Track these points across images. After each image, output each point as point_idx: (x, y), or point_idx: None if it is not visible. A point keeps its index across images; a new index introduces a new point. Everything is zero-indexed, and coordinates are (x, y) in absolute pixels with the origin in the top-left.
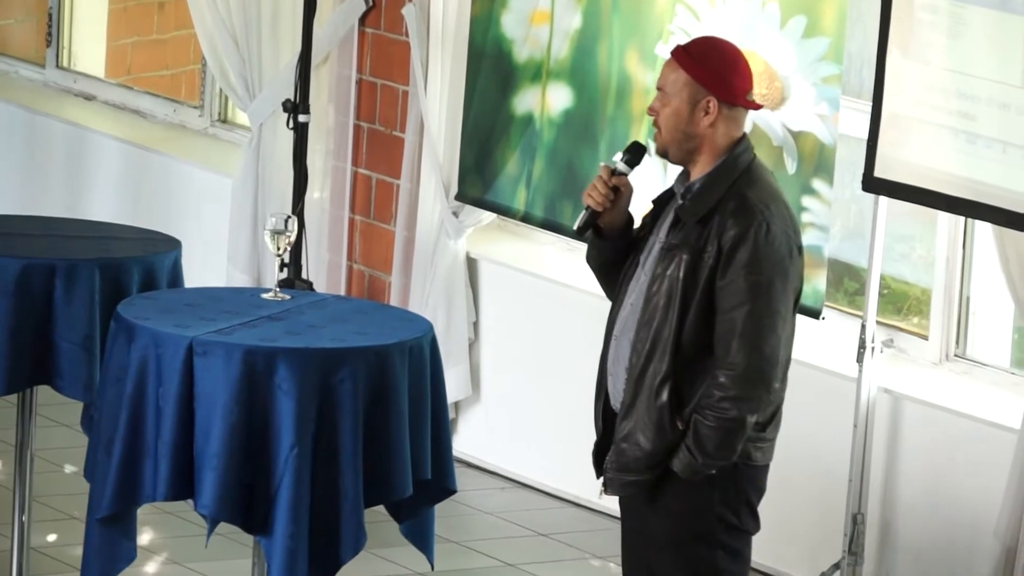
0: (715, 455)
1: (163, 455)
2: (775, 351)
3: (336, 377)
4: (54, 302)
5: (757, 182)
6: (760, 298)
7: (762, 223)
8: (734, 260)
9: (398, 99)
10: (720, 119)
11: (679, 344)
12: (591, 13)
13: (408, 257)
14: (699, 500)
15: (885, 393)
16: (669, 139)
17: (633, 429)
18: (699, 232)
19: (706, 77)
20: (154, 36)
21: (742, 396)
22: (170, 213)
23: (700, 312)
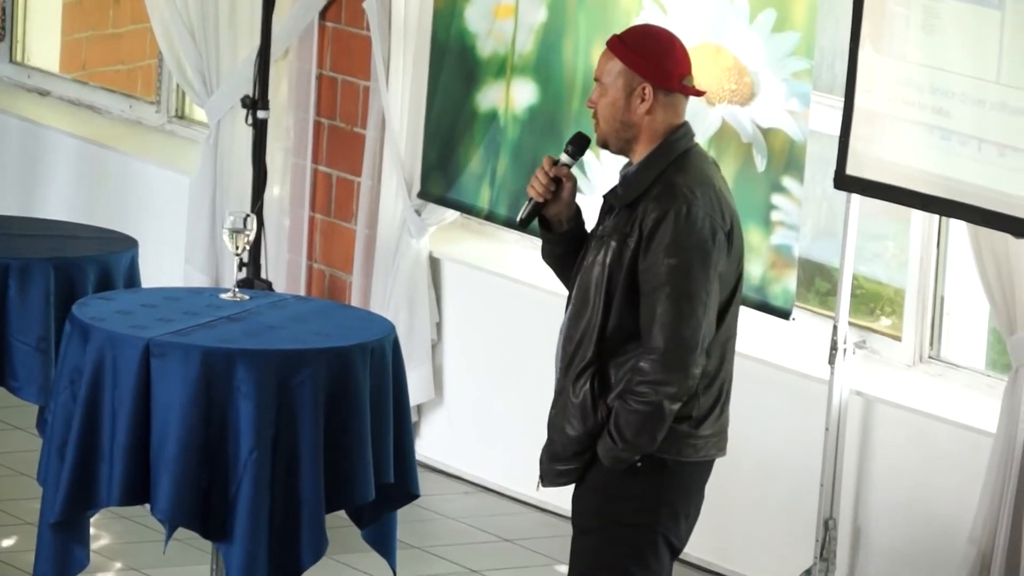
0: (634, 441)
1: (118, 459)
2: (694, 335)
3: (296, 379)
4: (8, 302)
5: (688, 168)
6: (678, 281)
7: (682, 205)
8: (653, 243)
9: (359, 95)
10: (657, 106)
11: (604, 331)
12: (556, 7)
13: (369, 256)
14: (616, 491)
15: (857, 396)
16: (608, 129)
17: (560, 418)
18: (627, 218)
19: (640, 63)
20: (109, 30)
21: (660, 380)
22: (126, 211)
23: (625, 298)
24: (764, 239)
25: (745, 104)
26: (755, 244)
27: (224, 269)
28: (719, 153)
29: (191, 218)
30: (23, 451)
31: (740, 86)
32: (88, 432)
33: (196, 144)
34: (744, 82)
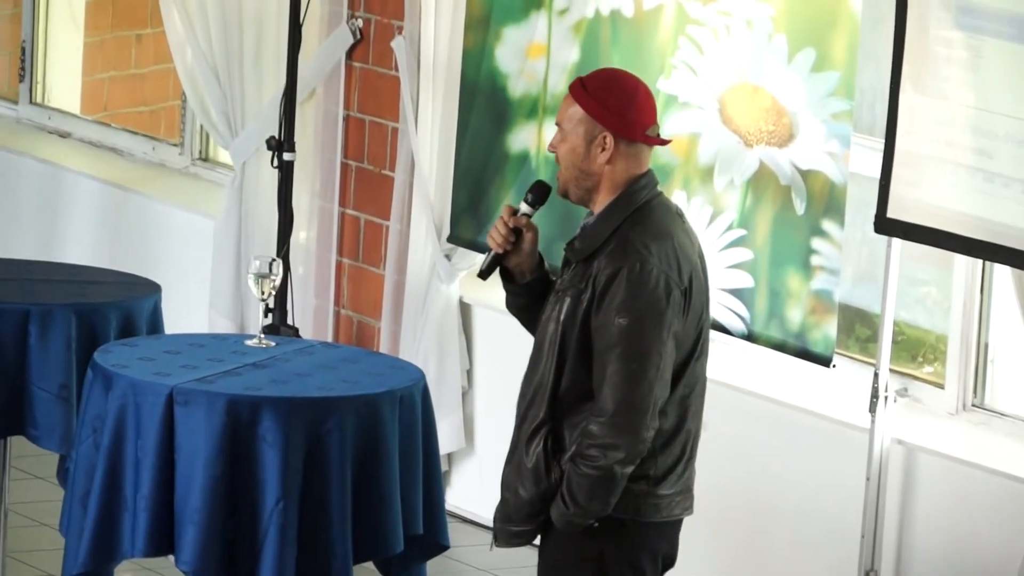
0: (587, 506)
1: (142, 509)
2: (644, 398)
3: (324, 427)
4: (28, 349)
5: (645, 221)
6: (630, 341)
7: (635, 263)
8: (605, 301)
9: (387, 136)
10: (618, 155)
11: (557, 389)
12: (590, 46)
13: (398, 302)
14: (577, 554)
15: (899, 445)
16: (568, 176)
17: (513, 478)
18: (582, 273)
19: (600, 112)
20: (132, 70)
21: (609, 444)
22: (149, 256)
23: (578, 356)
24: (804, 284)
25: (784, 146)
26: (795, 289)
27: (249, 315)
28: (757, 196)
29: (216, 263)
30: (44, 501)
31: (778, 127)
32: (111, 482)
33: (221, 187)
34: (783, 123)
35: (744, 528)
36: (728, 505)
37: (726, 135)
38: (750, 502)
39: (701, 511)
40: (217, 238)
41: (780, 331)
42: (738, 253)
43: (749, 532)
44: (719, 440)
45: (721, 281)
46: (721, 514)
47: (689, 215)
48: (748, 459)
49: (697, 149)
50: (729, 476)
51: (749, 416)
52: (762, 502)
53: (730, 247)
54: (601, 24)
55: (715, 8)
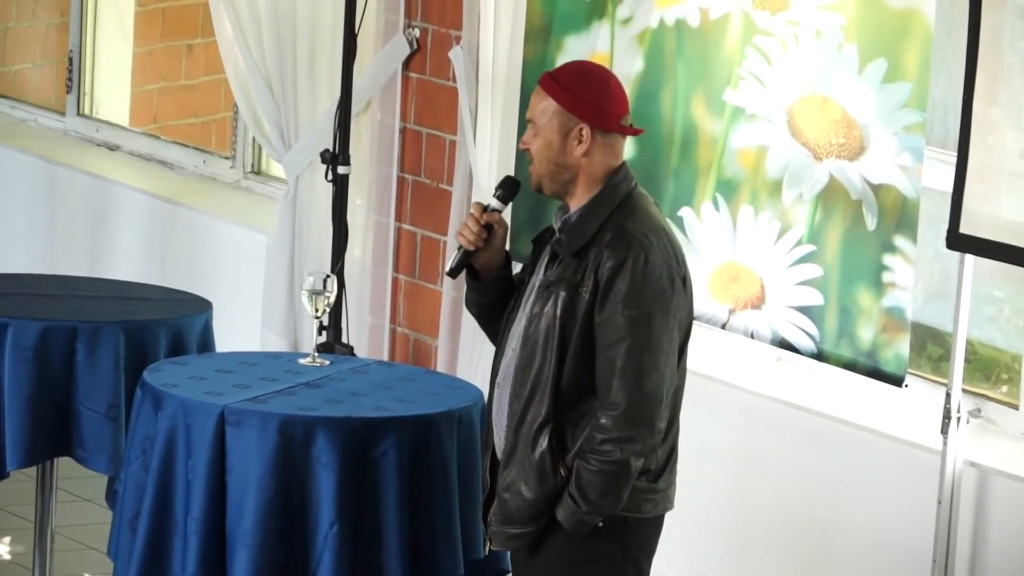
0: (599, 503)
1: (193, 532)
2: (658, 389)
3: (379, 449)
4: (76, 368)
5: (636, 212)
6: (639, 333)
7: (640, 253)
8: (611, 293)
9: (445, 149)
10: (595, 147)
11: (559, 386)
12: (654, 56)
13: (456, 320)
14: (580, 554)
15: (972, 467)
16: (543, 171)
17: (515, 478)
18: (576, 266)
19: (575, 104)
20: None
21: (624, 437)
22: (200, 272)
23: (580, 351)
24: (875, 301)
25: (854, 159)
26: (866, 306)
27: (303, 333)
28: (826, 211)
29: (268, 279)
30: (92, 524)
31: (849, 140)
32: (161, 504)
33: (273, 201)
34: (853, 136)
35: (812, 551)
36: (795, 526)
37: (795, 148)
38: (818, 525)
39: (769, 532)
40: (270, 254)
41: (851, 350)
42: (807, 270)
43: (817, 555)
44: (787, 461)
45: (790, 298)
46: (788, 536)
47: (756, 230)
48: (816, 481)
49: (765, 162)
50: (796, 497)
51: (817, 437)
52: (830, 525)
53: (799, 263)
54: (666, 34)
55: (783, 18)
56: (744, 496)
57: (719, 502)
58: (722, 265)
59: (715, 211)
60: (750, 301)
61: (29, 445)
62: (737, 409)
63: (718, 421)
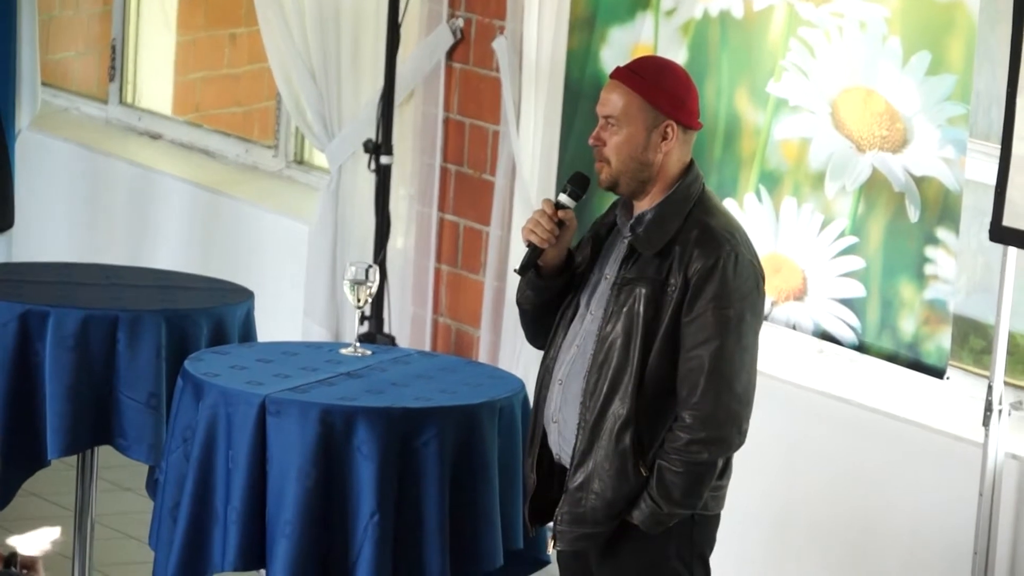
0: (682, 502)
1: (233, 521)
2: (747, 389)
3: (420, 439)
4: (117, 356)
5: (716, 209)
6: (730, 333)
7: (731, 253)
8: (702, 293)
9: (488, 139)
10: (677, 145)
11: (641, 385)
12: (698, 47)
13: (498, 310)
14: (654, 554)
15: (1013, 459)
16: (622, 169)
17: (589, 478)
18: (658, 264)
19: (664, 100)
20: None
21: (712, 438)
22: (242, 261)
23: (664, 349)
24: (917, 293)
25: (897, 151)
26: (908, 298)
27: (345, 323)
28: (869, 203)
29: (310, 269)
30: (133, 512)
31: (892, 132)
32: (202, 493)
33: (316, 191)
34: (896, 128)
35: (853, 543)
36: (836, 519)
37: (838, 140)
38: (859, 517)
39: (810, 525)
40: (312, 243)
41: (892, 342)
42: (850, 261)
43: (858, 547)
44: (828, 453)
45: (832, 290)
46: (829, 528)
47: (799, 222)
48: (858, 473)
49: (808, 154)
50: (838, 490)
51: (859, 429)
52: (872, 517)
53: (841, 255)
54: (710, 25)
55: (827, 9)
56: (786, 487)
57: (761, 492)
58: (764, 257)
59: (758, 202)
60: (792, 293)
61: (70, 434)
62: (779, 401)
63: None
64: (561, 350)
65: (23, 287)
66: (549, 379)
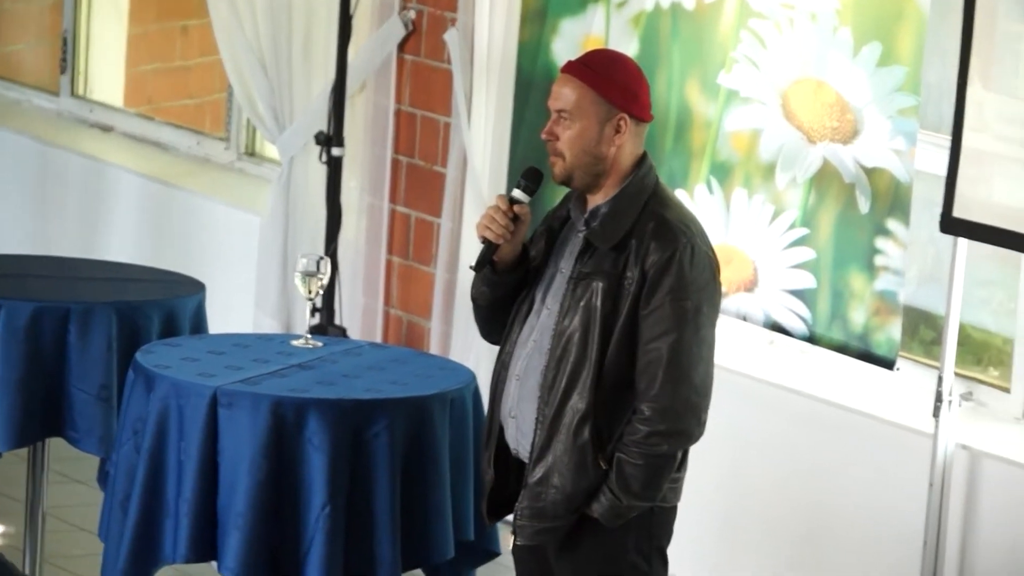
0: (641, 495)
1: (184, 514)
2: (705, 380)
3: (371, 430)
4: (68, 349)
5: (670, 201)
6: (688, 325)
7: (687, 245)
8: (660, 286)
9: (439, 131)
10: (629, 138)
11: (600, 379)
12: (649, 39)
13: (449, 302)
14: (613, 547)
15: (963, 450)
16: (576, 163)
17: (549, 472)
18: (614, 258)
19: (616, 93)
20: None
21: (671, 431)
22: (193, 253)
23: (622, 343)
24: (867, 284)
25: (848, 142)
26: (858, 290)
27: (296, 314)
28: (820, 194)
29: (261, 261)
30: (83, 505)
31: (842, 123)
32: (152, 485)
33: (267, 183)
34: (847, 119)
35: (804, 534)
36: (788, 510)
37: (789, 131)
38: (810, 507)
39: (761, 515)
40: (263, 235)
41: (842, 333)
42: (800, 252)
43: (809, 537)
44: (779, 444)
45: (782, 281)
46: (781, 519)
47: (749, 213)
48: (808, 464)
49: (758, 145)
50: (789, 481)
51: (810, 420)
52: (823, 508)
53: (792, 246)
54: (661, 17)
55: (778, 1)
56: (737, 478)
57: (711, 484)
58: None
59: (708, 194)
60: (743, 284)
61: (20, 426)
62: (729, 392)
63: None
64: (517, 345)
65: None
66: (506, 375)
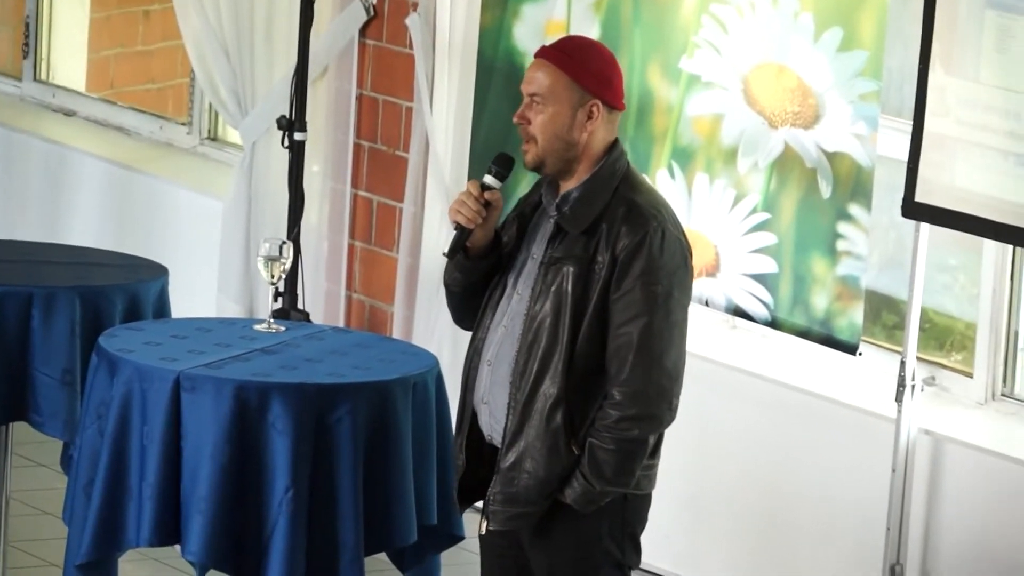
0: (613, 480)
1: (147, 497)
2: (676, 365)
3: (334, 415)
4: (31, 333)
5: (641, 186)
6: (658, 309)
7: (657, 229)
8: (630, 270)
9: (401, 116)
10: (601, 124)
11: (571, 363)
12: (610, 24)
13: (412, 286)
14: (586, 533)
15: (926, 435)
16: (548, 148)
17: (521, 457)
18: (585, 243)
19: (590, 80)
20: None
21: (642, 415)
22: (156, 238)
23: (593, 327)
24: (829, 269)
25: (809, 127)
26: (820, 274)
27: (259, 299)
28: (781, 179)
29: (224, 245)
30: (47, 489)
31: (804, 108)
32: (116, 469)
33: (230, 167)
34: (808, 104)
35: (767, 519)
36: (751, 495)
37: (750, 116)
38: (773, 492)
39: (724, 501)
40: (226, 220)
41: (804, 318)
42: (762, 237)
43: (772, 523)
44: (741, 429)
45: (744, 266)
46: (744, 505)
47: (711, 198)
48: (771, 449)
49: (720, 130)
50: (751, 466)
51: (772, 405)
52: (785, 493)
53: (753, 231)
54: (622, 2)
55: None
56: (700, 463)
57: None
58: None
59: (670, 178)
60: (705, 269)
61: None
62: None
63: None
64: (489, 331)
65: None
66: (478, 360)
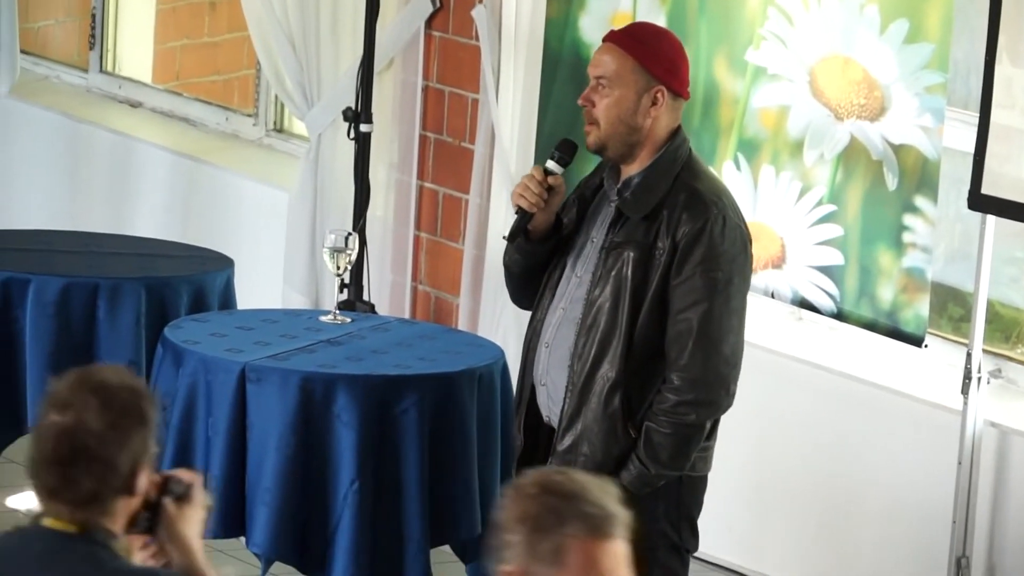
0: (669, 464)
1: (213, 489)
2: (735, 351)
3: (400, 406)
4: (97, 324)
5: (702, 173)
6: (718, 296)
7: (718, 216)
8: (690, 256)
9: (467, 108)
10: (666, 111)
11: (630, 348)
12: (676, 15)
13: (478, 278)
14: (642, 516)
15: (992, 427)
16: (611, 132)
17: (578, 440)
18: (645, 228)
19: (658, 66)
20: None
21: (700, 400)
22: (222, 229)
23: (652, 312)
24: (895, 261)
25: (875, 119)
26: (886, 267)
27: (324, 290)
28: (847, 171)
29: (290, 237)
30: None
31: (870, 100)
32: (181, 461)
33: (295, 159)
34: (874, 96)
35: (831, 511)
36: (814, 487)
37: (816, 108)
38: (837, 484)
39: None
40: (292, 211)
41: (871, 310)
42: (828, 229)
43: (836, 515)
44: (806, 421)
45: (810, 258)
46: (807, 496)
47: (777, 190)
48: (835, 441)
49: (786, 122)
50: (816, 458)
51: (838, 397)
52: (850, 485)
53: (820, 223)
54: None
55: None
56: (764, 454)
57: (739, 460)
58: None
59: (736, 171)
60: (771, 261)
61: None
62: (757, 368)
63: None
64: (548, 312)
65: (3, 255)
66: (536, 341)
